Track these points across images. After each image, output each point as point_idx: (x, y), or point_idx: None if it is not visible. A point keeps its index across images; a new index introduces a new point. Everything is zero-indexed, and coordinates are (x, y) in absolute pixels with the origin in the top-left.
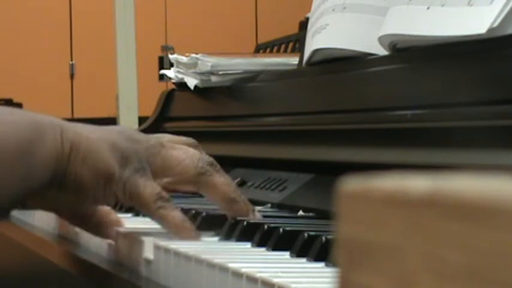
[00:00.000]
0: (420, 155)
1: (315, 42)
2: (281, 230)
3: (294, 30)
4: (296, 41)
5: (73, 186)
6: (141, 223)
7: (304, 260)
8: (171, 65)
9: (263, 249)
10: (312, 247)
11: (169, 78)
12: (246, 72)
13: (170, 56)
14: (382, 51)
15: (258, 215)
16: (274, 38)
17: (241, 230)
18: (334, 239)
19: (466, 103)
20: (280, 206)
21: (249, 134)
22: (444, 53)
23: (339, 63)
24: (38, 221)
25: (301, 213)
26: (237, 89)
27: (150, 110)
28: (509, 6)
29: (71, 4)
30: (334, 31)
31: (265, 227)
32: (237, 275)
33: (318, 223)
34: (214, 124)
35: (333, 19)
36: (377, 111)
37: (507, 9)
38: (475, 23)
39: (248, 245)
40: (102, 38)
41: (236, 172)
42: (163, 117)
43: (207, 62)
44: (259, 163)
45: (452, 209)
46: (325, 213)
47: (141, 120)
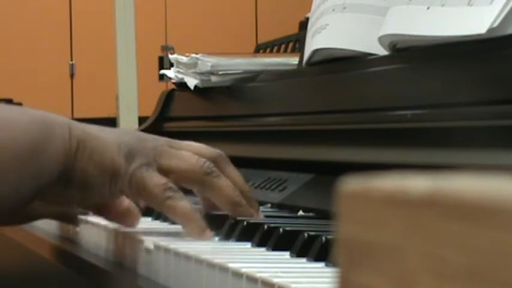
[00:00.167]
0: (420, 155)
1: (315, 42)
2: (281, 230)
3: (294, 30)
4: (296, 41)
5: (79, 182)
6: (141, 223)
7: (304, 260)
8: (171, 65)
9: (263, 249)
10: (312, 247)
11: (169, 78)
12: (246, 72)
13: (170, 56)
14: (382, 51)
15: (261, 215)
16: (274, 38)
17: (241, 230)
18: (334, 239)
19: (466, 103)
20: (280, 206)
21: (249, 134)
22: (444, 53)
23: (339, 63)
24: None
25: (301, 213)
26: (237, 89)
27: (150, 110)
28: (509, 6)
29: (71, 4)
30: (334, 31)
31: (265, 227)
32: (237, 275)
33: (318, 223)
34: (214, 124)
35: (333, 19)
36: (377, 111)
37: (507, 9)
38: (475, 23)
39: (248, 245)
40: (102, 38)
41: None
42: (163, 117)
43: (207, 62)
44: (259, 163)
45: (452, 209)
46: (325, 213)
47: (141, 120)
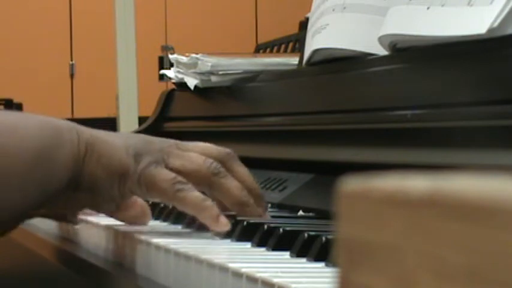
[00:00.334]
0: (420, 155)
1: (315, 42)
2: (281, 230)
3: (294, 30)
4: (296, 41)
5: (88, 186)
6: None
7: (304, 260)
8: (171, 65)
9: (263, 249)
10: (312, 247)
11: (169, 78)
12: (246, 72)
13: (170, 56)
14: (382, 51)
15: (267, 216)
16: (274, 38)
17: (241, 230)
18: (334, 239)
19: (466, 103)
20: (280, 206)
21: (249, 134)
22: (444, 53)
23: (339, 63)
24: (38, 221)
25: (301, 213)
26: (237, 89)
27: (150, 110)
28: (509, 6)
29: (71, 4)
30: (334, 31)
31: (265, 227)
32: (237, 275)
33: (318, 223)
34: (214, 124)
35: (333, 19)
36: (377, 111)
37: (507, 9)
38: (475, 23)
39: (248, 245)
40: (102, 38)
41: None
42: (163, 117)
43: (207, 62)
44: (259, 163)
45: (452, 209)
46: (325, 213)
47: (141, 120)
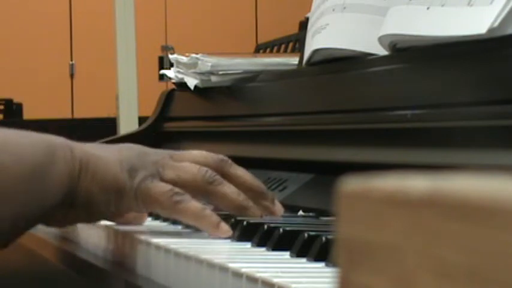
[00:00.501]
0: (420, 155)
1: (315, 42)
2: (281, 230)
3: (294, 30)
4: (296, 41)
5: (84, 202)
6: None
7: (304, 260)
8: (171, 65)
9: (263, 249)
10: (312, 247)
11: (169, 78)
12: (246, 72)
13: (170, 56)
14: (382, 51)
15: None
16: (274, 38)
17: (241, 230)
18: (334, 239)
19: (466, 103)
20: None
21: (249, 134)
22: (444, 53)
23: (339, 63)
24: None
25: (301, 213)
26: (237, 89)
27: (150, 110)
28: (509, 6)
29: (71, 4)
30: (334, 31)
31: (265, 227)
32: (237, 275)
33: (318, 223)
34: (214, 124)
35: (333, 19)
36: (377, 111)
37: (507, 9)
38: (475, 23)
39: (248, 245)
40: (102, 38)
41: None
42: (163, 117)
43: (207, 62)
44: (259, 163)
45: (452, 209)
46: (325, 213)
47: (141, 120)
